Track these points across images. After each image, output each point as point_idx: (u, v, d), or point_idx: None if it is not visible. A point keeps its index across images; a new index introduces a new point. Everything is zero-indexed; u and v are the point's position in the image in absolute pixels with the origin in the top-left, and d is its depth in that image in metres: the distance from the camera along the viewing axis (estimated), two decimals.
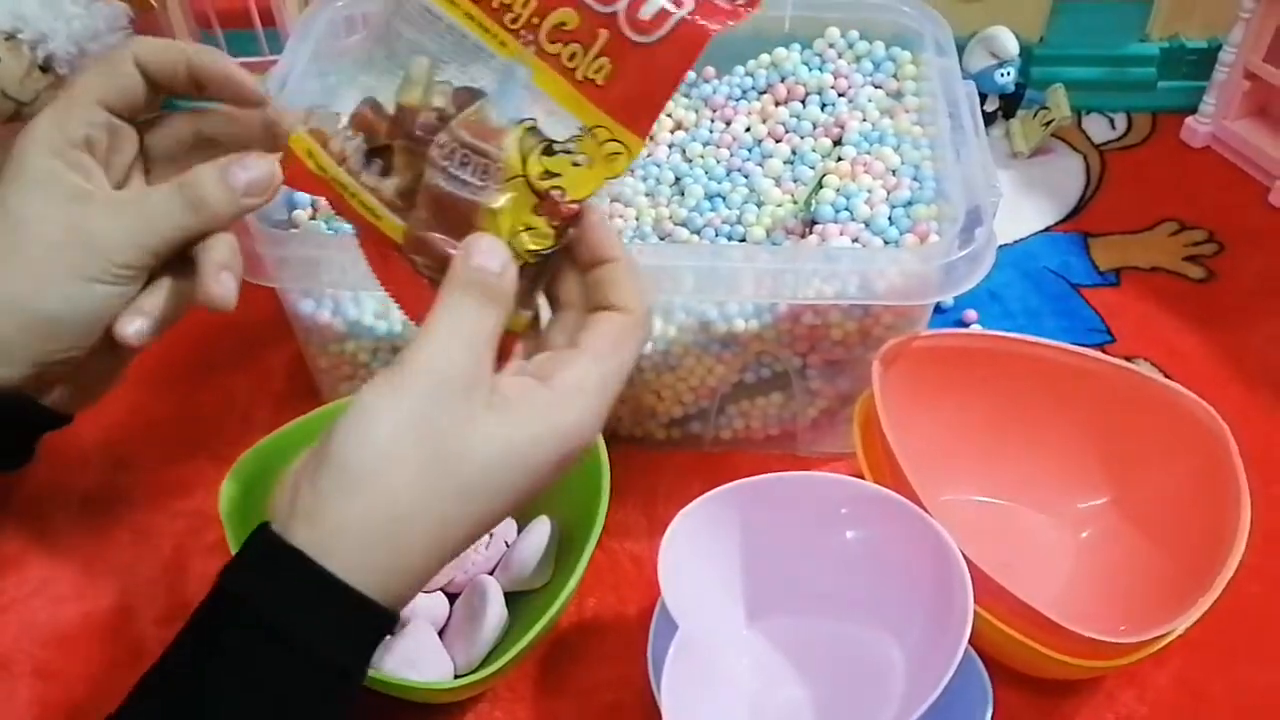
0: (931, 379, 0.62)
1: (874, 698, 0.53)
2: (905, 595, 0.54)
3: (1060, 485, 0.64)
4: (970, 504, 0.64)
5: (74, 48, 0.74)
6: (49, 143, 0.47)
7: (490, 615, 0.56)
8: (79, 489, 0.67)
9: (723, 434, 0.69)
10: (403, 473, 0.40)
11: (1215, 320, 0.78)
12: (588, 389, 0.43)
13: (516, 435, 0.41)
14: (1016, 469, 0.64)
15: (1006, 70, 0.88)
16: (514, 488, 0.42)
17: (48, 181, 0.46)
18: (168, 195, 0.47)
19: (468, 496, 0.41)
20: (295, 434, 0.60)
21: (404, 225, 0.45)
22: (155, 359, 0.68)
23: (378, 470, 0.40)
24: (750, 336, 0.63)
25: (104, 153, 0.48)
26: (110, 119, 0.49)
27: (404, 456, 0.40)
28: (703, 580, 0.55)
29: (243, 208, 0.47)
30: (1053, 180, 0.89)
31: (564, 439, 0.42)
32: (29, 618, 0.61)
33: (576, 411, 0.43)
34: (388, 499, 0.40)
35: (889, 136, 0.67)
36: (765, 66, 0.73)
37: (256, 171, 0.47)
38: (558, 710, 0.58)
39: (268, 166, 0.47)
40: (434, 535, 0.41)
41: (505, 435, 0.41)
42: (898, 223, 0.63)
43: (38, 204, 0.46)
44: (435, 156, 0.44)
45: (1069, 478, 0.64)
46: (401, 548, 0.40)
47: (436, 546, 0.41)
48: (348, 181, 0.45)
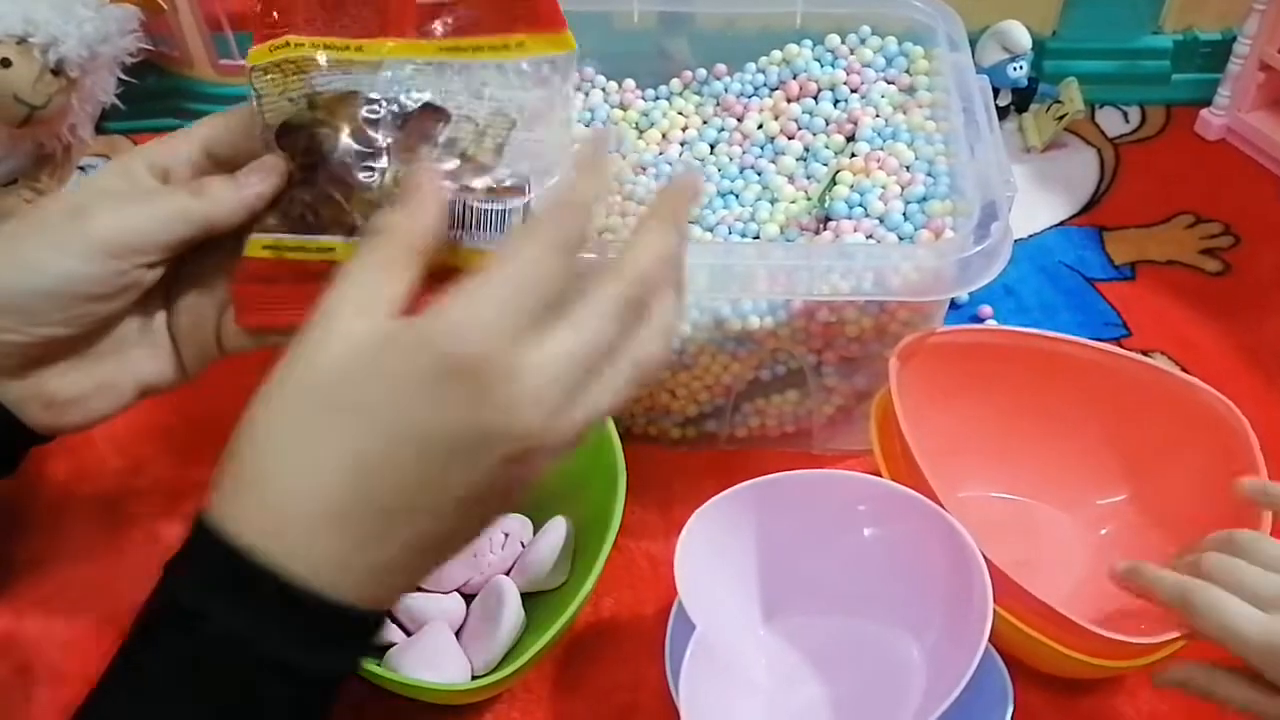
0: (948, 375, 0.62)
1: (893, 697, 0.53)
2: (924, 593, 0.54)
3: (1078, 481, 0.63)
4: (988, 500, 0.64)
5: (85, 51, 0.74)
6: (125, 163, 0.48)
7: (507, 616, 0.56)
8: (95, 494, 0.67)
9: (738, 432, 0.69)
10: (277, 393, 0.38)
11: (1232, 313, 0.77)
12: (470, 290, 0.37)
13: (380, 346, 0.37)
14: (1034, 465, 0.64)
15: (1019, 64, 0.87)
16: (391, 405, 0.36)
17: (93, 181, 0.47)
18: (174, 187, 0.47)
19: (329, 415, 0.37)
20: None
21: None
22: None
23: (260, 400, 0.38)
24: (765, 334, 0.63)
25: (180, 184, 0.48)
26: (199, 159, 0.49)
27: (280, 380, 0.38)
28: (719, 579, 0.55)
29: (251, 195, 0.46)
30: (1066, 174, 0.89)
31: (440, 336, 0.36)
32: (45, 624, 0.61)
33: (458, 309, 0.36)
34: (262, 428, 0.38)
35: (902, 132, 0.67)
36: (777, 63, 0.73)
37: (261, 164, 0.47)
38: (575, 710, 0.57)
39: (273, 161, 0.47)
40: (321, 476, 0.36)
41: (357, 332, 0.37)
42: (912, 218, 0.63)
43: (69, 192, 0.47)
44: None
45: (1087, 474, 0.63)
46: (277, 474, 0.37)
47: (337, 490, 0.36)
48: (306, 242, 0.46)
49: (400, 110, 0.45)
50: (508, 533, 0.60)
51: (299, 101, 0.46)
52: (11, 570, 0.63)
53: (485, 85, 0.45)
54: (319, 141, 0.45)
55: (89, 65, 0.76)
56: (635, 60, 0.74)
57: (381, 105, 0.45)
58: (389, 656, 0.55)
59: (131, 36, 0.79)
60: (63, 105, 0.76)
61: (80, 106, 0.79)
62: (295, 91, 0.46)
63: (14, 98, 0.73)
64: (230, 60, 0.87)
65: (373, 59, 0.46)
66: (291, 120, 0.46)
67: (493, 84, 0.45)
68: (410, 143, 0.45)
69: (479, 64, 0.45)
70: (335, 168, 0.45)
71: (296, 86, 0.46)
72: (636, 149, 0.71)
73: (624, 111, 0.73)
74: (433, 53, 0.45)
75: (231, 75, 0.87)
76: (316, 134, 0.45)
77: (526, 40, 0.44)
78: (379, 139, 0.45)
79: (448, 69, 0.45)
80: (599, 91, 0.74)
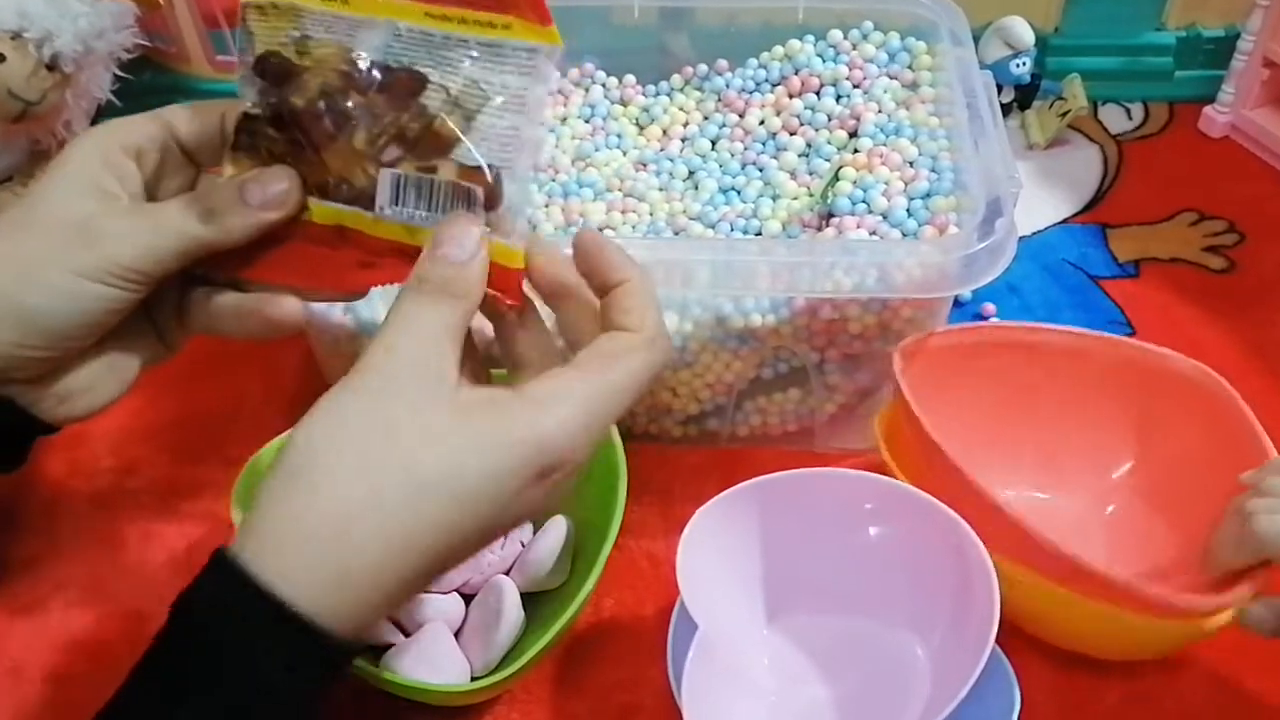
0: (940, 376, 0.61)
1: (897, 697, 0.52)
2: (929, 593, 0.53)
3: (1078, 464, 0.63)
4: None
5: (80, 46, 0.74)
6: (98, 142, 0.47)
7: (507, 616, 0.56)
8: (90, 492, 0.67)
9: (740, 430, 0.68)
10: (344, 467, 0.37)
11: (1236, 311, 0.77)
12: (565, 398, 0.40)
13: (479, 438, 0.38)
14: (1032, 455, 0.63)
15: (1022, 61, 0.87)
16: (477, 497, 0.38)
17: (78, 175, 0.46)
18: (183, 204, 0.46)
19: (421, 499, 0.38)
20: None
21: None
22: None
23: (316, 466, 0.38)
24: (767, 331, 0.62)
25: (151, 168, 0.48)
26: (169, 141, 0.48)
27: (344, 450, 0.38)
28: (722, 579, 0.54)
29: (259, 221, 0.46)
30: (1070, 172, 0.88)
31: (536, 448, 0.39)
32: (40, 622, 0.61)
33: (553, 420, 0.39)
34: (328, 496, 0.37)
35: (905, 128, 0.66)
36: (779, 59, 0.72)
37: (274, 187, 0.46)
38: (575, 711, 0.57)
39: (286, 182, 0.46)
40: (389, 544, 0.37)
41: (464, 436, 0.38)
42: (916, 215, 0.62)
43: (58, 193, 0.46)
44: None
45: (1086, 455, 0.63)
46: (347, 551, 0.37)
47: (396, 560, 0.38)
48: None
49: (383, 73, 0.45)
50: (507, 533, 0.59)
51: (287, 45, 0.46)
52: (5, 570, 0.63)
53: (466, 61, 0.45)
54: (299, 86, 0.45)
55: (84, 61, 0.76)
56: (636, 56, 0.74)
57: (365, 65, 0.45)
58: (387, 657, 0.55)
59: (127, 32, 0.79)
60: (57, 101, 0.76)
61: (75, 102, 0.78)
62: (285, 34, 0.46)
63: (8, 93, 0.73)
64: (226, 56, 0.86)
65: (360, 15, 0.45)
66: (275, 53, 0.46)
67: (476, 62, 0.45)
68: (388, 105, 0.45)
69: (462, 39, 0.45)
70: (310, 119, 0.45)
71: (285, 27, 0.46)
72: (638, 145, 0.71)
73: (624, 107, 0.73)
74: (419, 17, 0.45)
75: (228, 72, 0.86)
76: (298, 76, 0.45)
77: (514, 23, 0.44)
78: (359, 99, 0.45)
79: (433, 39, 0.45)
80: (599, 87, 0.73)
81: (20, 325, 0.45)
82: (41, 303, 0.45)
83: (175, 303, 0.50)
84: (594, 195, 0.67)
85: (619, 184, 0.68)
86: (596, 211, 0.65)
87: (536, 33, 0.44)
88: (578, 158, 0.69)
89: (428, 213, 0.44)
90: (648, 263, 0.57)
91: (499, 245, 0.43)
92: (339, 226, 0.46)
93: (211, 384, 0.73)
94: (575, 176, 0.67)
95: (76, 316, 0.46)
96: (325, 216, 0.46)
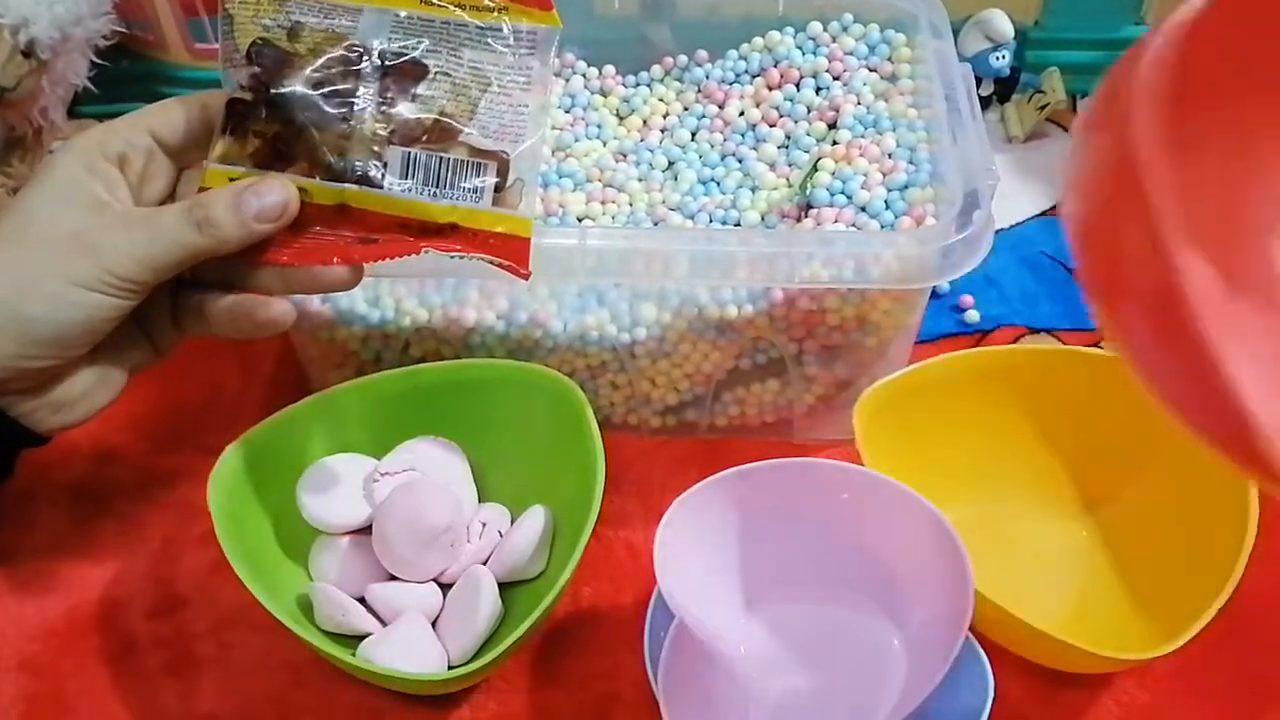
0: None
1: (874, 685, 0.53)
2: (906, 582, 0.54)
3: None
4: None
5: (57, 33, 0.73)
6: (82, 151, 0.48)
7: (484, 606, 0.56)
8: (66, 481, 0.67)
9: (718, 421, 0.68)
10: None
11: None
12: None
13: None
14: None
15: (1001, 54, 0.87)
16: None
17: (66, 185, 0.47)
18: (178, 213, 0.47)
19: None
20: (284, 424, 0.59)
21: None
22: None
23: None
24: (745, 322, 0.62)
25: (137, 173, 0.49)
26: (152, 145, 0.49)
27: None
28: (700, 568, 0.54)
29: (253, 232, 0.46)
30: (1048, 165, 0.89)
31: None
32: (16, 611, 0.60)
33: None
34: None
35: (884, 120, 0.66)
36: (758, 50, 0.72)
37: (271, 198, 0.46)
38: (553, 700, 0.57)
39: (283, 193, 0.46)
40: None
41: None
42: (894, 206, 0.62)
43: (49, 205, 0.46)
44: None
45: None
46: None
47: None
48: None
49: (382, 60, 0.45)
50: (485, 521, 0.59)
51: (274, 31, 0.46)
52: None
53: (465, 47, 0.45)
54: (298, 72, 0.45)
55: (60, 47, 0.75)
56: (616, 46, 0.74)
57: (363, 52, 0.45)
58: (364, 646, 0.55)
59: (105, 19, 0.78)
60: (33, 88, 0.75)
61: (52, 89, 0.77)
62: (270, 18, 0.46)
63: None
64: (205, 44, 0.86)
65: (353, 2, 0.46)
66: (269, 40, 0.46)
67: (474, 47, 0.45)
68: (390, 94, 0.45)
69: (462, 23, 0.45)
70: (307, 104, 0.45)
71: (271, 12, 0.46)
72: (617, 135, 0.71)
73: (604, 97, 0.73)
74: (413, 4, 0.45)
75: (207, 59, 0.86)
76: (295, 62, 0.45)
77: (510, 6, 0.44)
78: (358, 86, 0.45)
79: (433, 24, 0.45)
80: (579, 77, 0.73)
81: (20, 335, 0.46)
82: (41, 312, 0.46)
83: (167, 307, 0.51)
84: (574, 186, 0.66)
85: (599, 174, 0.68)
86: (576, 202, 0.65)
87: (536, 16, 0.44)
88: (558, 148, 0.69)
89: (437, 189, 0.45)
90: (627, 252, 0.58)
91: (509, 217, 0.44)
92: (340, 205, 0.47)
93: (189, 373, 0.73)
94: (555, 167, 0.67)
95: (76, 325, 0.47)
96: (326, 196, 0.47)
